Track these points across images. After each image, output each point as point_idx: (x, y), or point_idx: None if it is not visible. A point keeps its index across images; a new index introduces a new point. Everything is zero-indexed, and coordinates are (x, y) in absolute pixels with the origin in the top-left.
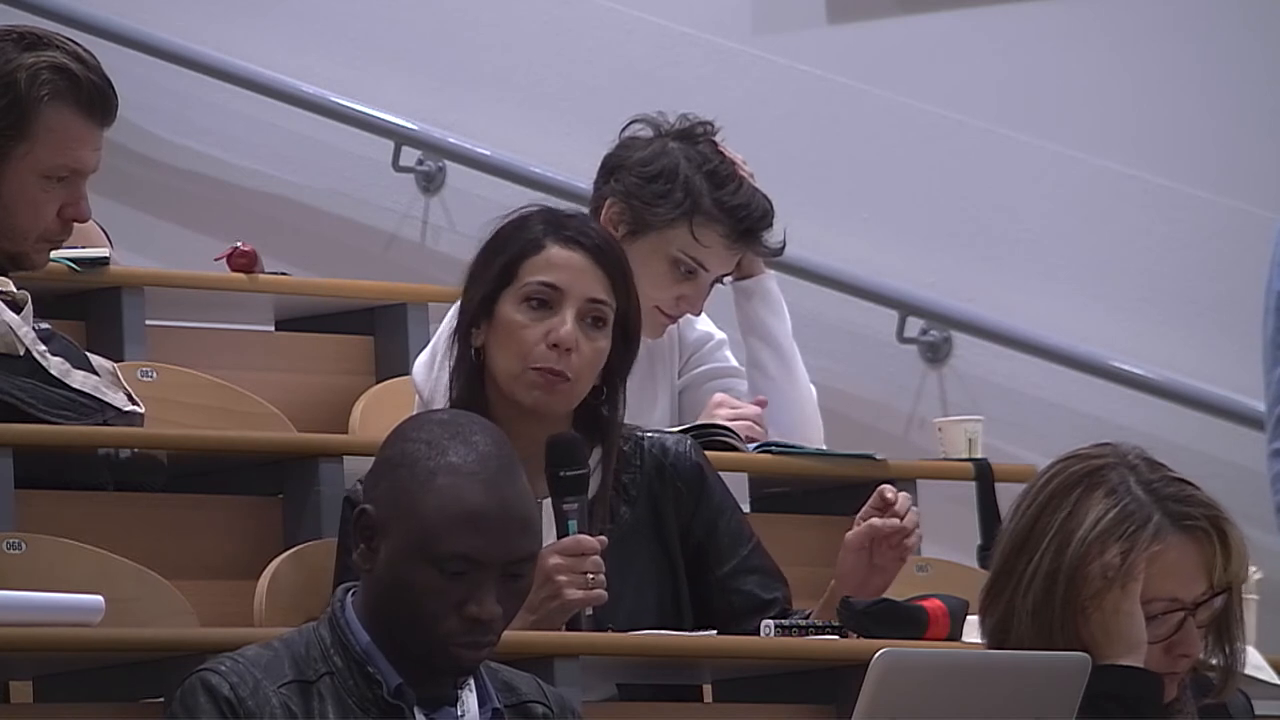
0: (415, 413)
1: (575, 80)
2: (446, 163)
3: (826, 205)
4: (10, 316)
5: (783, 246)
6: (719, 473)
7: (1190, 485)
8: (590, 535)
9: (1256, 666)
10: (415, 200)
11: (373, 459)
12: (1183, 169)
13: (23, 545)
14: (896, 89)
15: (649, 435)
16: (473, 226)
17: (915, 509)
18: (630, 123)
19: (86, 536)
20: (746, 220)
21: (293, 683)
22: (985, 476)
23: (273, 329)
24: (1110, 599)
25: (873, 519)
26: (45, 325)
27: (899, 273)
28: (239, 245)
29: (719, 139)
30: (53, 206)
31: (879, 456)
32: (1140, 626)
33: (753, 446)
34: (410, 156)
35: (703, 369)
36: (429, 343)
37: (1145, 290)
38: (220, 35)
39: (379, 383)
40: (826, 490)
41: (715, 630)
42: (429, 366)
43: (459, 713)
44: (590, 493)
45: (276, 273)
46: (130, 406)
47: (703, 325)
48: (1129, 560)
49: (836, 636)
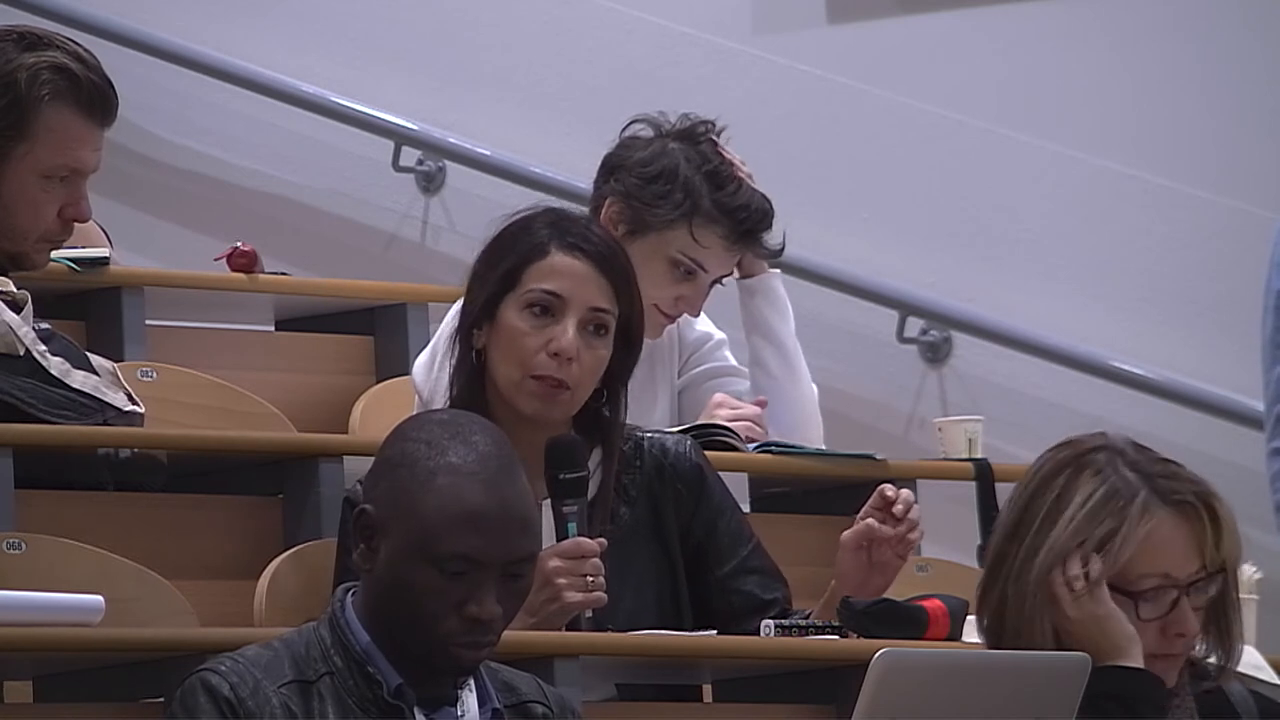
0: (415, 413)
1: (575, 80)
2: (446, 163)
3: (826, 205)
4: (10, 316)
5: (782, 248)
6: (719, 473)
7: (1176, 465)
8: (590, 537)
9: (1256, 666)
10: (415, 200)
11: (372, 459)
12: (1183, 169)
13: (23, 545)
14: (896, 89)
15: (649, 436)
16: (473, 226)
17: (917, 506)
18: (631, 122)
19: (86, 536)
20: (746, 222)
21: (293, 683)
22: (985, 476)
23: (273, 329)
24: (1084, 610)
25: (869, 520)
26: (45, 325)
27: (899, 273)
28: (239, 245)
29: (721, 139)
30: (53, 207)
31: (879, 456)
32: (1123, 623)
33: (753, 446)
34: (410, 156)
35: (702, 369)
36: (429, 343)
37: (1145, 290)
38: (220, 35)
39: (379, 383)
40: (826, 490)
41: (715, 630)
42: (429, 367)
43: (459, 713)
44: (590, 494)
45: (276, 273)
46: (130, 406)
47: (702, 325)
48: (1115, 541)
49: (836, 636)
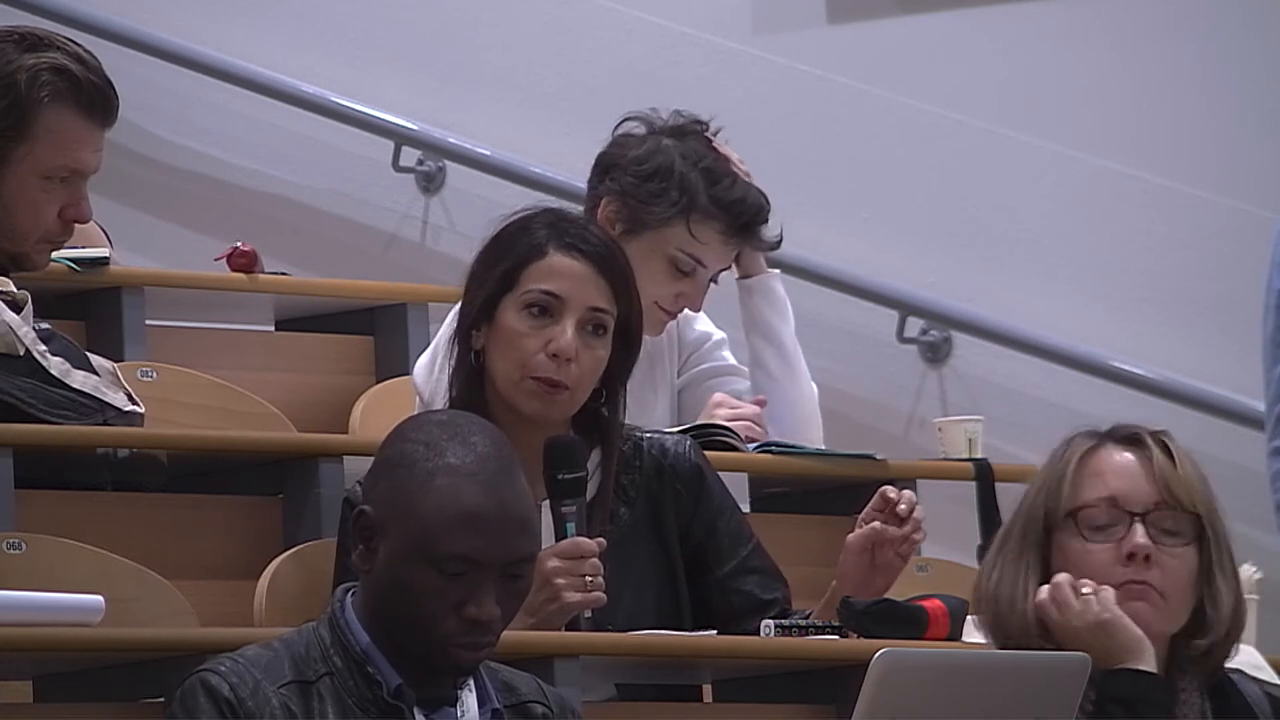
0: (414, 413)
1: (575, 80)
2: (446, 163)
3: (826, 205)
4: (10, 316)
5: (779, 241)
6: (719, 473)
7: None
8: (589, 537)
9: (1256, 666)
10: (415, 200)
11: (372, 459)
12: (1183, 169)
13: (23, 545)
14: (896, 89)
15: (648, 436)
16: (473, 226)
17: (920, 507)
18: (623, 120)
19: (86, 536)
20: (743, 216)
21: (292, 683)
22: (985, 476)
23: (273, 329)
24: (1091, 615)
25: (875, 523)
26: (45, 325)
27: (899, 273)
28: (239, 245)
29: (719, 138)
30: (53, 207)
31: (879, 456)
32: (1130, 627)
33: (753, 446)
34: (410, 156)
35: (702, 368)
36: (429, 343)
37: (1145, 290)
38: (220, 35)
39: (379, 383)
40: (826, 490)
41: (715, 630)
42: (429, 368)
43: (459, 713)
44: (589, 495)
45: (276, 273)
46: (130, 406)
47: (701, 325)
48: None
49: (836, 636)
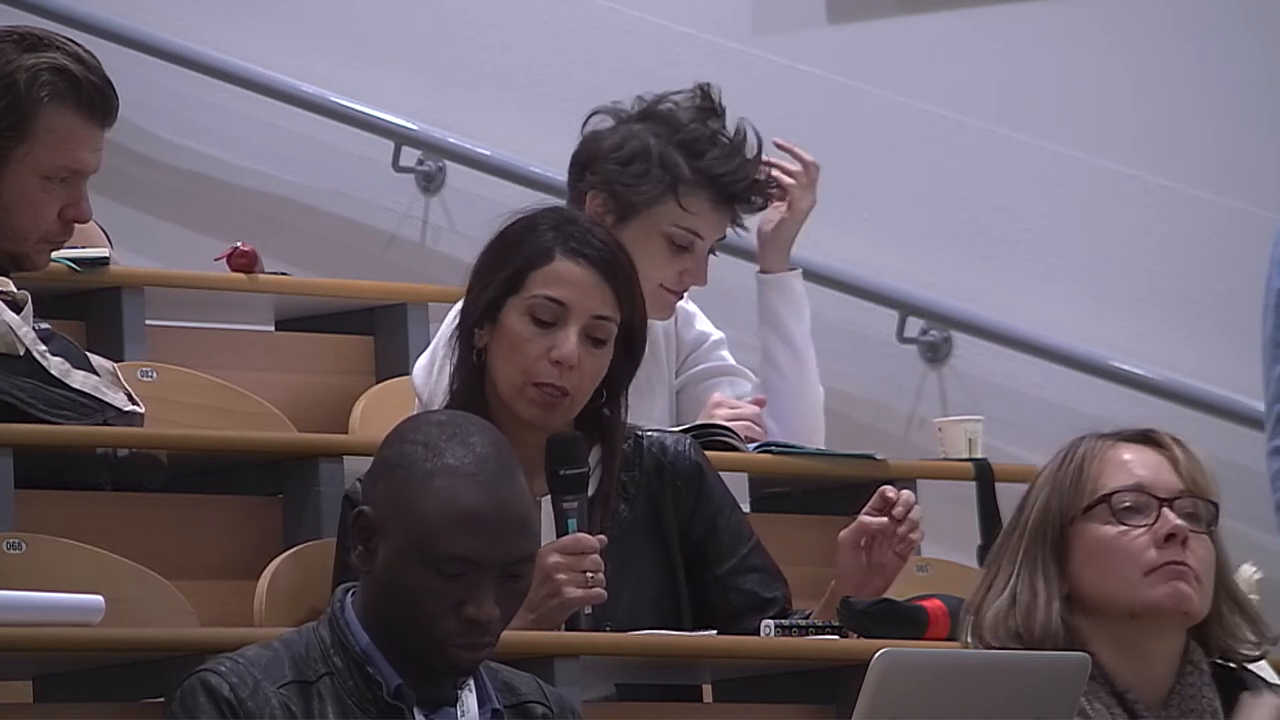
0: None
1: (575, 80)
2: (446, 163)
3: (826, 205)
4: (10, 316)
5: (770, 196)
6: (719, 473)
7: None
8: (590, 534)
9: (1257, 667)
10: (415, 200)
11: (372, 459)
12: (1183, 169)
13: (23, 545)
14: (896, 89)
15: (648, 434)
16: (473, 226)
17: (918, 507)
18: (589, 116)
19: (86, 536)
20: (728, 180)
21: (292, 683)
22: (985, 476)
23: (273, 329)
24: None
25: (863, 515)
26: (45, 325)
27: (899, 273)
28: (239, 245)
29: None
30: (53, 207)
31: (879, 456)
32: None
33: (753, 446)
34: (410, 156)
35: (700, 368)
36: (429, 343)
37: (1145, 290)
38: (220, 35)
39: (379, 383)
40: (826, 490)
41: (715, 630)
42: (429, 370)
43: (459, 713)
44: (590, 491)
45: (276, 273)
46: (130, 406)
47: (700, 325)
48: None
49: (836, 636)
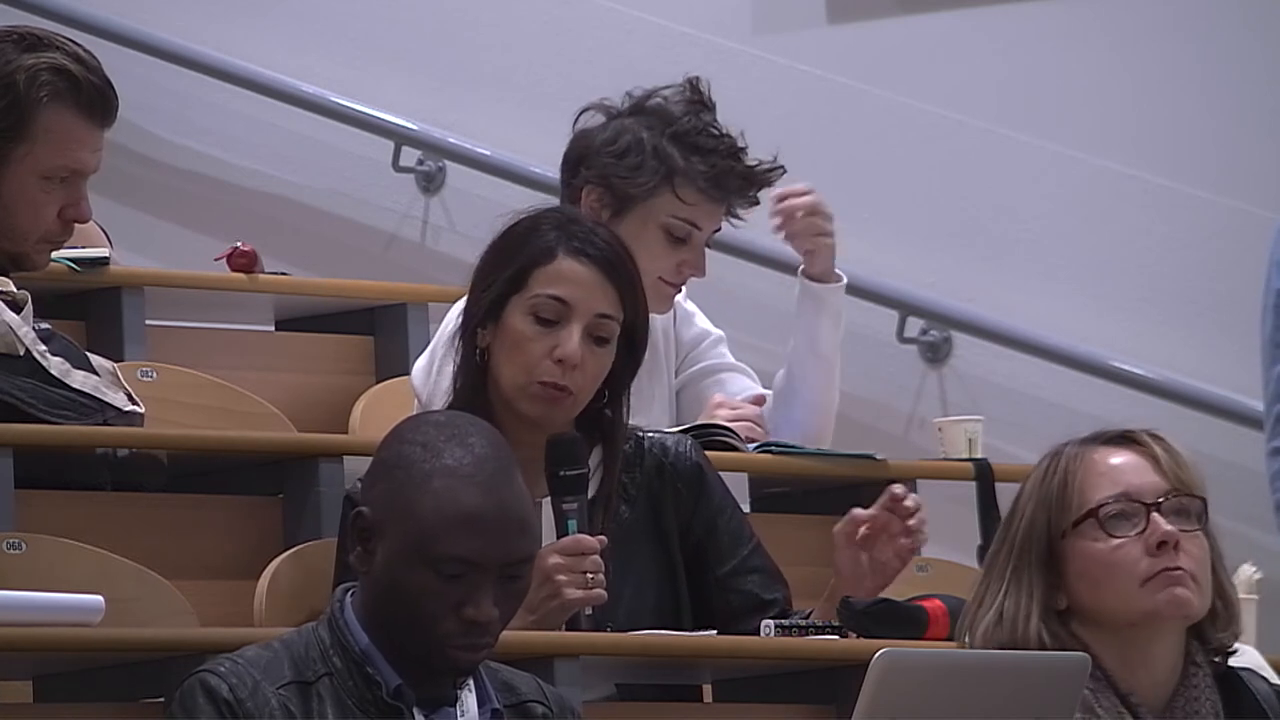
0: (412, 414)
1: (575, 80)
2: (446, 163)
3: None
4: (10, 316)
5: (779, 169)
6: (719, 473)
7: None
8: (590, 535)
9: (1259, 666)
10: (415, 200)
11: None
12: (1183, 169)
13: (23, 545)
14: (896, 89)
15: (649, 435)
16: (473, 226)
17: (923, 510)
18: (579, 114)
19: (86, 536)
20: (723, 172)
21: (292, 683)
22: (985, 476)
23: (273, 329)
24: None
25: (854, 510)
26: (45, 325)
27: (899, 273)
28: (239, 245)
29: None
30: (53, 207)
31: (879, 456)
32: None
33: (753, 446)
34: (410, 156)
35: (700, 366)
36: (429, 343)
37: (1145, 290)
38: (220, 35)
39: (379, 383)
40: (826, 490)
41: (715, 630)
42: (428, 370)
43: (458, 713)
44: (591, 493)
45: (276, 273)
46: (130, 406)
47: (699, 323)
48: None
49: (836, 636)
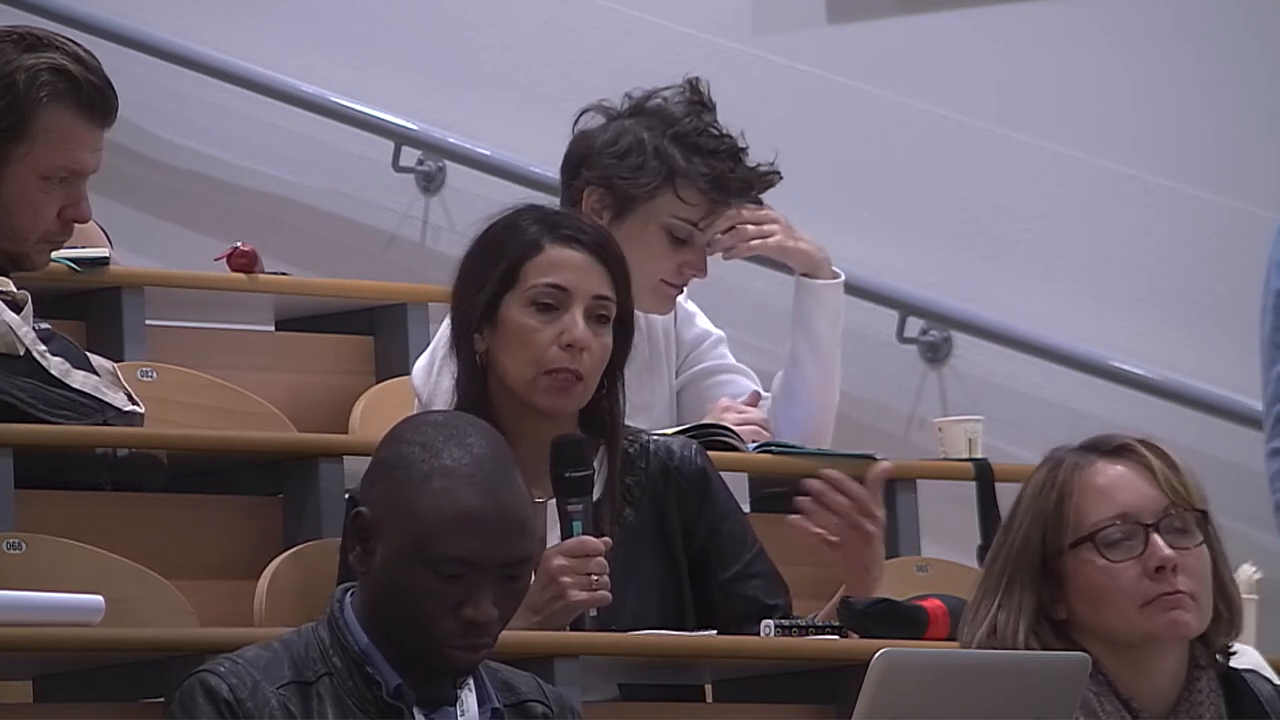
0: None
1: (575, 80)
2: (446, 163)
3: (826, 205)
4: (10, 316)
5: (774, 175)
6: (720, 473)
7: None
8: (597, 536)
9: (1259, 666)
10: (415, 200)
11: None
12: (1183, 169)
13: (23, 545)
14: (896, 89)
15: (654, 438)
16: (473, 226)
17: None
18: (579, 115)
19: (86, 536)
20: (724, 172)
21: (292, 683)
22: (985, 476)
23: (273, 329)
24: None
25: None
26: (45, 325)
27: (899, 273)
28: (239, 245)
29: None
30: (53, 207)
31: (879, 456)
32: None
33: (753, 446)
34: (410, 156)
35: (701, 366)
36: (429, 343)
37: (1145, 290)
38: (220, 35)
39: (379, 383)
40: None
41: (715, 630)
42: (428, 370)
43: (458, 713)
44: (597, 493)
45: (276, 273)
46: (130, 406)
47: (700, 323)
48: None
49: (836, 636)
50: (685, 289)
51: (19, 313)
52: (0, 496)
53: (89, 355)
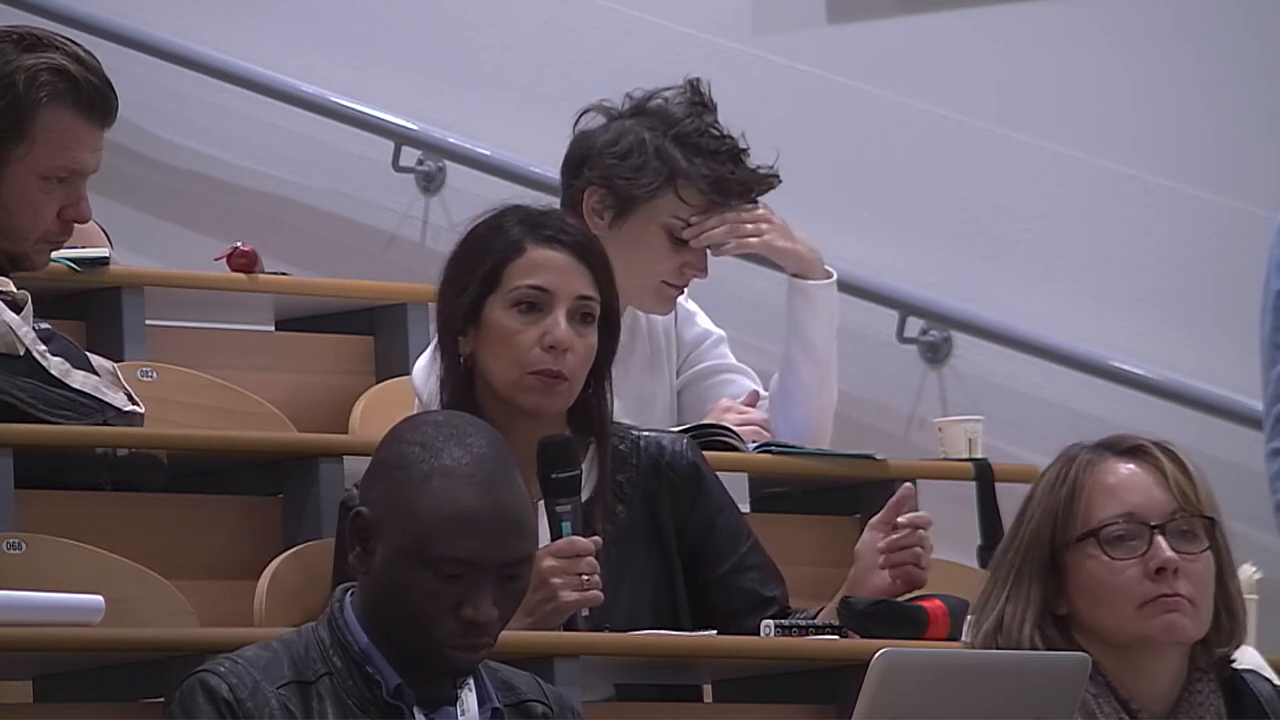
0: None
1: (575, 80)
2: (446, 163)
3: (826, 205)
4: (10, 316)
5: (774, 177)
6: (720, 473)
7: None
8: (591, 534)
9: (1259, 666)
10: (415, 200)
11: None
12: (1183, 169)
13: (23, 545)
14: (896, 89)
15: (645, 435)
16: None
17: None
18: (580, 115)
19: (86, 536)
20: (725, 173)
21: (292, 683)
22: (985, 476)
23: (273, 329)
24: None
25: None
26: (45, 325)
27: (899, 273)
28: (239, 245)
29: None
30: (52, 208)
31: (879, 456)
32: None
33: (753, 446)
34: (410, 156)
35: (701, 366)
36: (429, 344)
37: (1145, 290)
38: (220, 35)
39: (379, 383)
40: (826, 490)
41: (715, 630)
42: (428, 370)
43: (458, 712)
44: (588, 492)
45: (276, 273)
46: (130, 406)
47: (700, 323)
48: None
49: (836, 636)
50: (686, 289)
51: (19, 313)
52: (0, 496)
53: (89, 355)
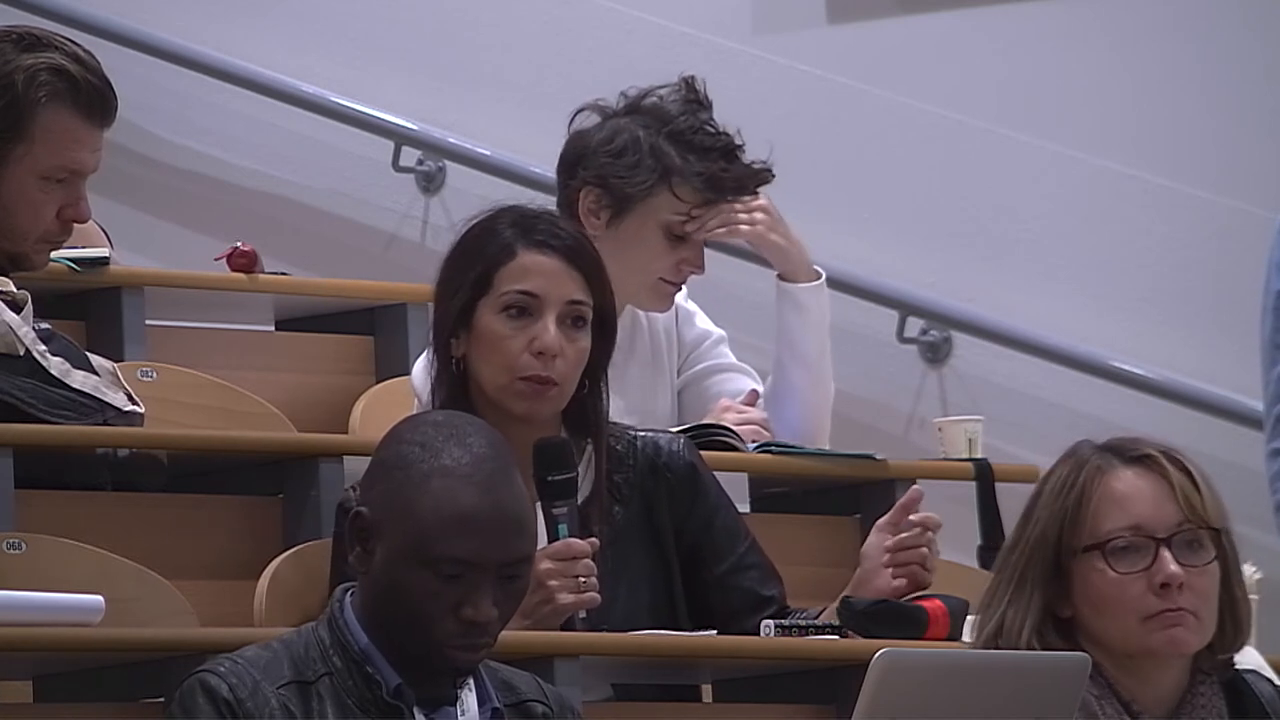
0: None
1: (575, 80)
2: (446, 163)
3: (826, 205)
4: (10, 316)
5: (768, 172)
6: (720, 473)
7: (1143, 437)
8: (588, 535)
9: (1259, 666)
10: (415, 200)
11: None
12: (1183, 169)
13: (23, 545)
14: (896, 89)
15: (642, 435)
16: None
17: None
18: (574, 114)
19: (86, 536)
20: (721, 170)
21: (292, 683)
22: (985, 476)
23: (273, 329)
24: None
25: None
26: (45, 325)
27: (899, 273)
28: (239, 245)
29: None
30: (52, 207)
31: (879, 456)
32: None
33: (753, 446)
34: (410, 156)
35: (702, 366)
36: (429, 344)
37: (1145, 290)
38: (220, 35)
39: (379, 383)
40: (826, 490)
41: (714, 629)
42: (426, 370)
43: (458, 712)
44: (585, 492)
45: (276, 273)
46: (130, 406)
47: (700, 323)
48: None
49: (836, 636)
50: (684, 287)
51: (19, 313)
52: (0, 496)
53: (89, 355)
